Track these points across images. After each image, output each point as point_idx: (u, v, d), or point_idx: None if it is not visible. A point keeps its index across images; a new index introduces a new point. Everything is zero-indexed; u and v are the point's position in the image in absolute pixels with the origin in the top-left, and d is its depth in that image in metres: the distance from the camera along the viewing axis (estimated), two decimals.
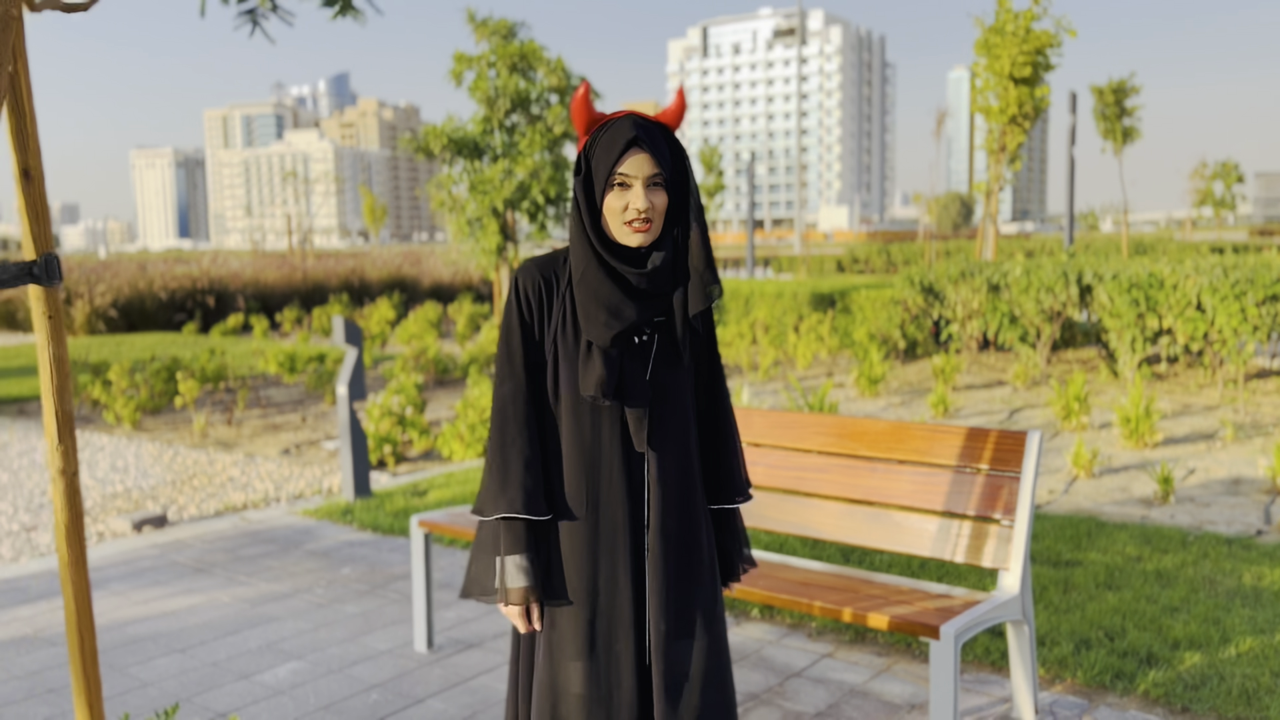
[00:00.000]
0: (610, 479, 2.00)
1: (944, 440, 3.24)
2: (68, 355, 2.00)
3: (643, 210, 1.92)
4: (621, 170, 1.92)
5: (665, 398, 2.03)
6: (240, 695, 3.52)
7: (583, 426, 2.01)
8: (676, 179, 1.99)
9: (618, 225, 1.95)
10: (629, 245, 1.95)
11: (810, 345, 12.09)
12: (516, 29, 11.21)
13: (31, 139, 1.93)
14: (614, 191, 1.94)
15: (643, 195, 1.92)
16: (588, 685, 2.01)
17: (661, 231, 1.98)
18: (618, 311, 1.94)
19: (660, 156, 1.94)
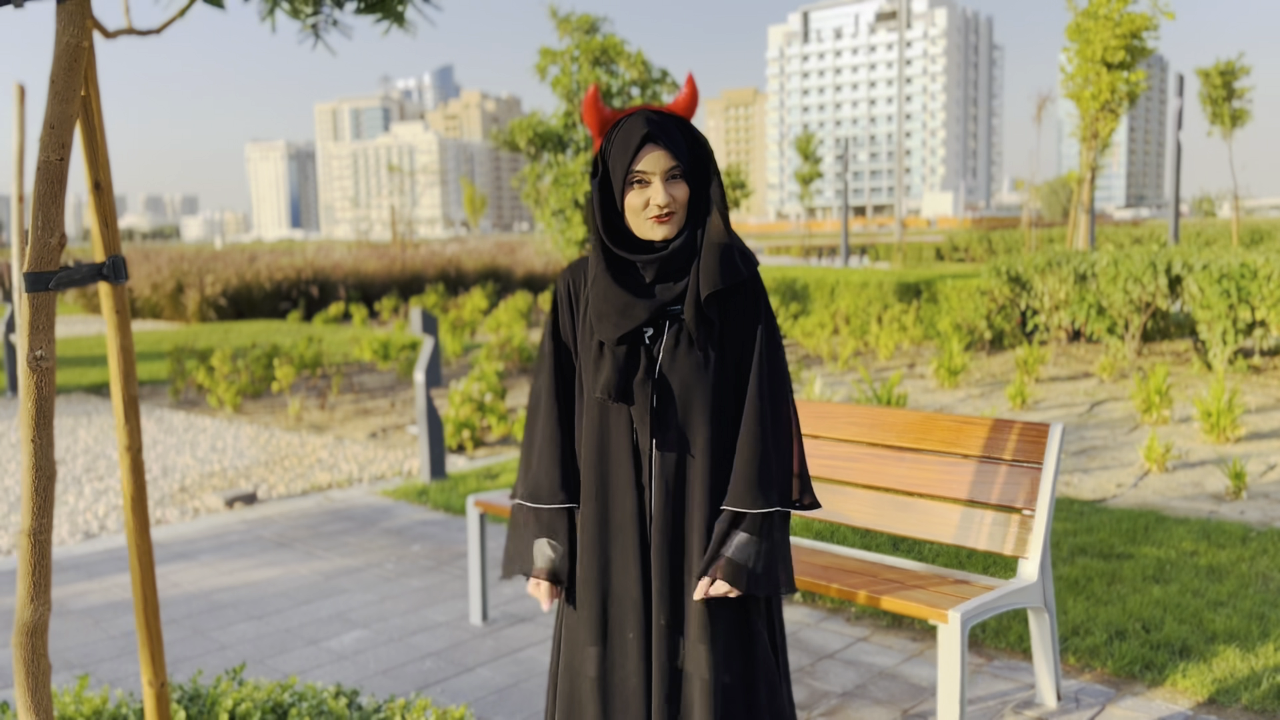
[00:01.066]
0: (619, 473, 2.05)
1: (969, 432, 3.32)
2: (132, 345, 2.25)
3: (663, 205, 1.95)
4: (639, 168, 1.95)
5: (676, 393, 2.02)
6: (307, 659, 3.80)
7: (596, 422, 2.08)
8: (697, 168, 2.01)
9: (640, 222, 1.99)
10: (654, 239, 1.99)
11: (892, 335, 12.04)
12: (599, 24, 11.42)
13: (101, 154, 2.19)
14: (634, 190, 1.97)
15: (662, 190, 1.95)
16: (600, 670, 2.08)
17: (686, 221, 2.02)
18: (626, 311, 1.98)
19: (676, 149, 1.96)
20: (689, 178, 2.00)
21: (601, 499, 2.08)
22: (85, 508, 6.09)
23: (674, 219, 1.99)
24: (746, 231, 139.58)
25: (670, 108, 2.03)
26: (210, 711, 2.99)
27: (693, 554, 2.05)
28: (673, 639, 2.05)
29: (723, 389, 2.05)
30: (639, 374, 2.02)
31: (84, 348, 15.34)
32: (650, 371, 2.02)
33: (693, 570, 2.05)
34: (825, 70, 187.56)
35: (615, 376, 2.00)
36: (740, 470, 2.01)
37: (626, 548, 2.06)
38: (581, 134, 11.28)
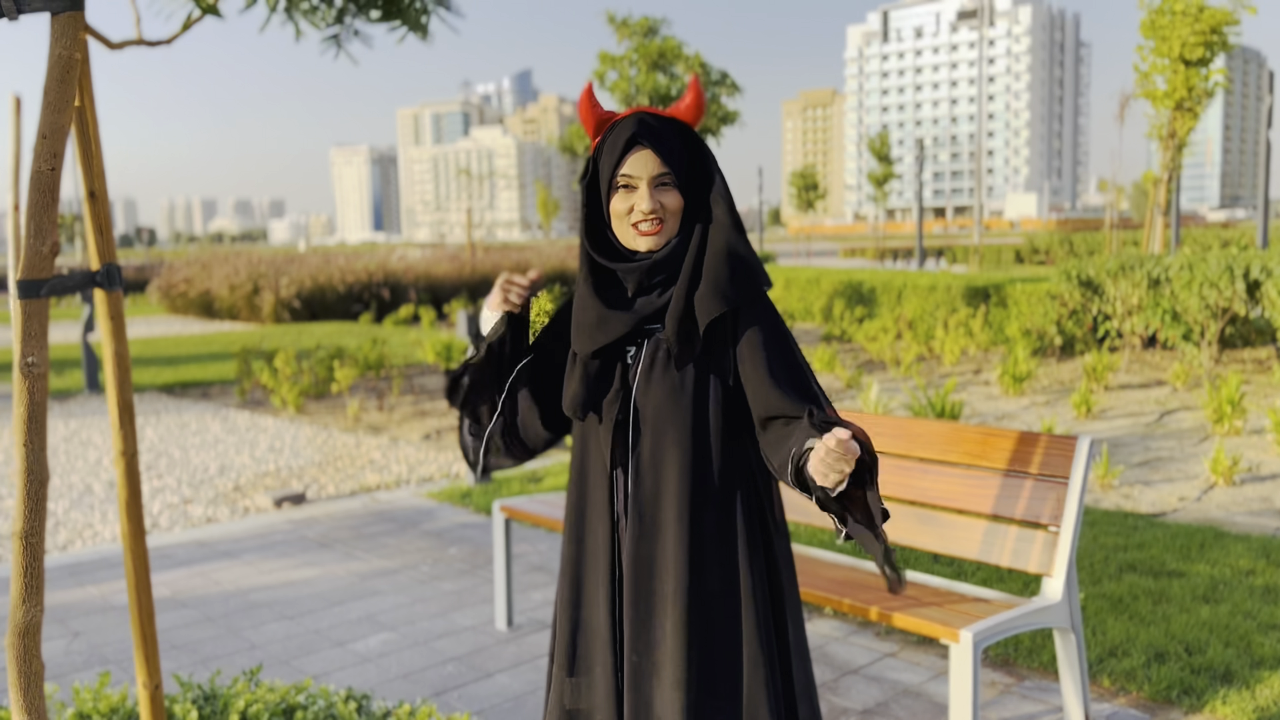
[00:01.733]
0: (594, 498, 1.96)
1: (996, 444, 3.21)
2: (128, 351, 2.29)
3: (648, 211, 1.82)
4: (624, 171, 1.83)
5: (649, 415, 1.89)
6: (331, 660, 3.84)
7: (578, 440, 2.01)
8: (696, 177, 1.88)
9: (625, 229, 1.86)
10: (638, 250, 1.86)
11: (958, 340, 11.79)
12: (658, 27, 11.39)
13: (96, 163, 2.23)
14: (619, 194, 1.85)
15: (648, 196, 1.82)
16: (572, 701, 2.00)
17: (679, 235, 1.87)
18: (602, 325, 1.88)
19: (667, 154, 1.83)
20: (685, 187, 1.87)
21: (578, 522, 2.00)
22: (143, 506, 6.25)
23: (663, 230, 1.85)
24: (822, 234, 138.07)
25: (672, 111, 1.90)
26: (223, 712, 3.03)
27: (665, 589, 1.89)
28: (645, 679, 1.90)
29: (702, 413, 1.88)
30: (610, 392, 1.91)
31: (162, 348, 15.82)
32: (622, 390, 1.91)
33: (664, 607, 1.89)
34: (905, 70, 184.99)
35: (583, 392, 1.92)
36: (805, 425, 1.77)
37: (597, 577, 1.97)
38: None
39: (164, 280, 23.39)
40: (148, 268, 32.03)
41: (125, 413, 2.30)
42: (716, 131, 11.32)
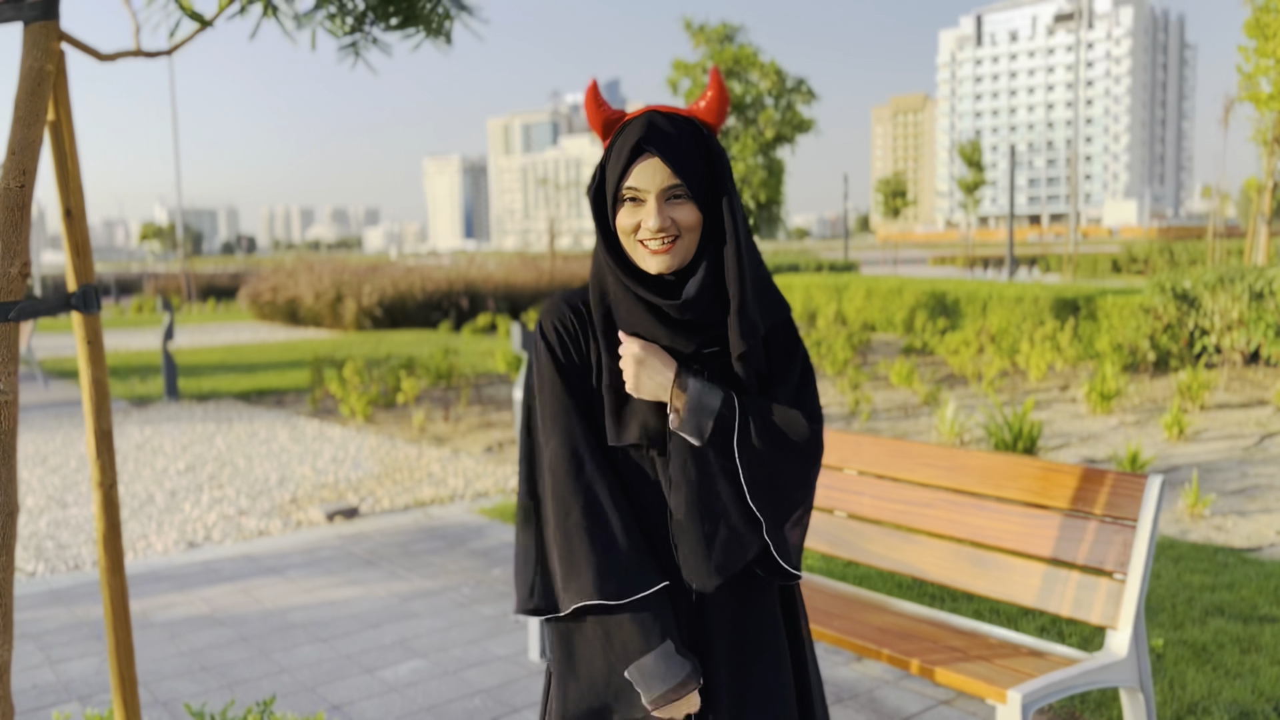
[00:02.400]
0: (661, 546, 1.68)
1: (1057, 480, 2.93)
2: (106, 376, 2.18)
3: (656, 229, 1.59)
4: (630, 183, 1.60)
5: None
6: (358, 688, 3.72)
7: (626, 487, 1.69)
8: (716, 188, 1.64)
9: (633, 246, 1.64)
10: (650, 271, 1.63)
11: (1044, 355, 11.30)
12: (734, 33, 11.17)
13: (73, 181, 2.12)
14: (625, 208, 1.63)
15: (656, 211, 1.59)
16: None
17: (698, 252, 1.64)
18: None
19: (681, 163, 1.59)
20: (704, 201, 1.62)
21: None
22: (197, 517, 6.26)
23: (676, 247, 1.61)
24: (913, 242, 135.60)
25: (691, 110, 1.67)
26: None
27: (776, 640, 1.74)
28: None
29: None
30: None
31: (244, 355, 16.13)
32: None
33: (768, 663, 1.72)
34: (999, 74, 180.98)
35: (650, 418, 1.64)
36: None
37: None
38: None
39: (252, 288, 23.95)
40: (241, 275, 32.88)
41: (103, 442, 2.19)
42: (792, 139, 11.05)
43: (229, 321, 24.42)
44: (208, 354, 16.51)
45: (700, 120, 1.66)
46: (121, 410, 10.72)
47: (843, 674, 3.74)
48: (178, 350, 17.17)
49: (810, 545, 3.47)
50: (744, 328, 1.63)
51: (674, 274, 1.64)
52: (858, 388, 9.66)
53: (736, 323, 1.63)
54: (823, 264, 27.51)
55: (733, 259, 1.63)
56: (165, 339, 11.20)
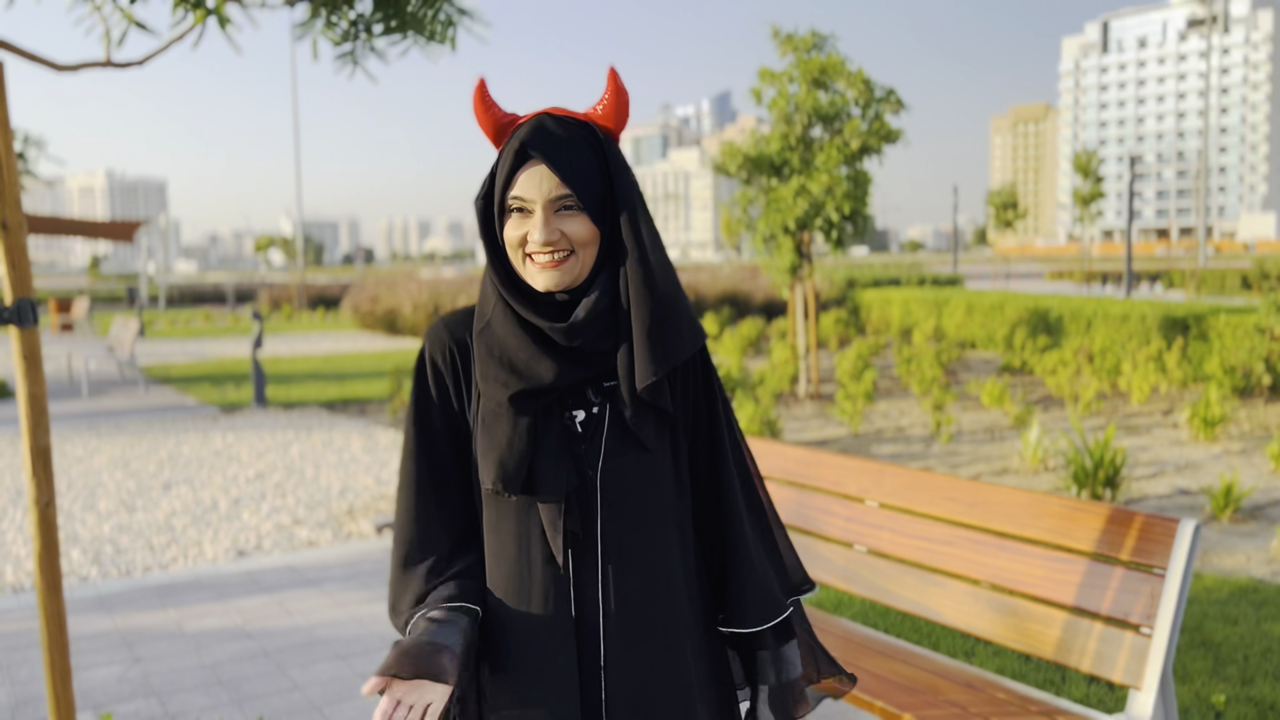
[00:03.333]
0: (543, 599, 1.48)
1: (1083, 520, 2.66)
2: (45, 393, 2.13)
3: (543, 242, 1.43)
4: (515, 192, 1.45)
5: (621, 492, 1.49)
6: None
7: (499, 528, 1.51)
8: (615, 198, 1.48)
9: (520, 262, 1.47)
10: (537, 288, 1.46)
11: (1148, 377, 10.69)
12: (823, 42, 10.92)
13: (10, 193, 2.08)
14: (512, 219, 1.46)
15: (544, 222, 1.43)
16: None
17: (594, 270, 1.48)
18: (526, 368, 1.45)
19: (570, 170, 1.43)
20: (600, 213, 1.46)
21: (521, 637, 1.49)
22: (254, 525, 6.33)
23: (567, 264, 1.44)
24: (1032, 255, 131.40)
25: (587, 114, 1.50)
26: None
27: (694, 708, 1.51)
28: None
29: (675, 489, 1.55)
30: (560, 460, 1.46)
31: (338, 364, 16.48)
32: (576, 459, 1.48)
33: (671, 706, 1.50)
34: (1126, 82, 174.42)
35: (518, 458, 1.44)
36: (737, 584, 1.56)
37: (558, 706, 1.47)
38: (797, 158, 10.81)
39: (354, 298, 24.54)
40: (352, 286, 33.78)
41: (39, 459, 2.15)
42: (879, 151, 10.73)
43: (332, 330, 25.07)
44: (304, 362, 16.93)
45: (599, 125, 1.49)
46: (210, 416, 11.03)
47: (855, 716, 3.50)
48: (277, 358, 17.67)
49: (826, 580, 3.27)
50: (654, 354, 1.44)
51: (567, 294, 1.47)
52: (941, 408, 9.27)
53: (645, 348, 1.44)
54: (925, 278, 26.79)
55: (637, 276, 1.44)
56: (254, 348, 11.48)
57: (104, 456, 8.71)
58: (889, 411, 10.39)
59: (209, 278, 67.02)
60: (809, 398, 11.30)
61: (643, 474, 1.49)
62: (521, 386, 1.44)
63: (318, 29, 3.02)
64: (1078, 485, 6.36)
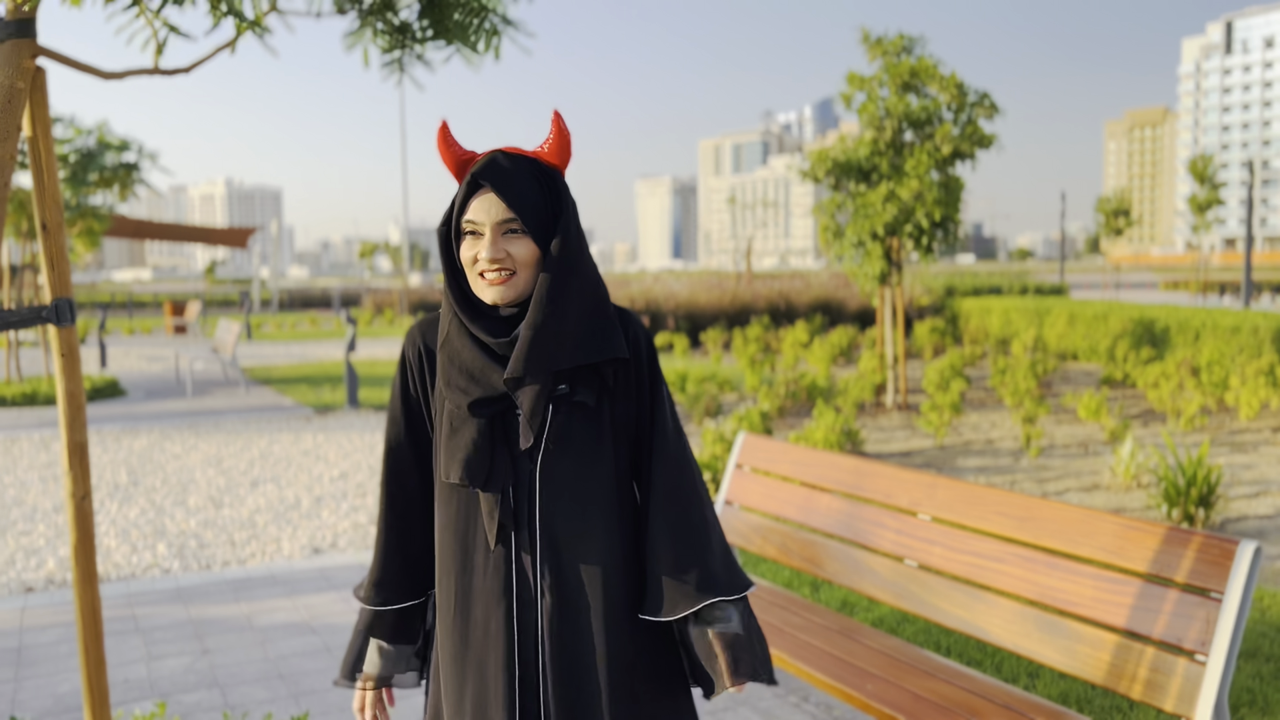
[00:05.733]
0: (484, 582, 1.70)
1: (1137, 540, 2.53)
2: (82, 390, 2.20)
3: (490, 259, 1.64)
4: (468, 217, 1.67)
5: (557, 487, 1.69)
6: (413, 708, 3.68)
7: (452, 513, 1.73)
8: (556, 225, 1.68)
9: (474, 279, 1.69)
10: (487, 301, 1.67)
11: (1257, 391, 10.17)
12: (912, 45, 10.71)
13: (50, 195, 2.16)
14: (466, 240, 1.69)
15: (491, 243, 1.64)
16: None
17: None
18: (478, 377, 1.67)
19: (515, 198, 1.64)
20: (542, 237, 1.67)
21: (462, 612, 1.72)
22: (332, 523, 6.48)
23: (511, 281, 1.66)
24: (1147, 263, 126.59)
25: (534, 151, 1.73)
26: None
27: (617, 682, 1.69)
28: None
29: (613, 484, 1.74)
30: (504, 459, 1.69)
31: None
32: (515, 457, 1.70)
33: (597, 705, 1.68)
34: (1251, 84, 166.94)
35: (470, 455, 1.67)
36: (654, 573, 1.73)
37: (489, 675, 1.69)
38: (886, 163, 10.61)
39: None
40: None
41: (76, 454, 2.22)
42: (972, 155, 10.47)
43: None
44: None
45: (544, 161, 1.71)
46: (304, 417, 11.35)
47: None
48: (374, 361, 18.11)
49: (875, 595, 3.18)
50: (528, 356, 1.63)
51: (515, 308, 1.68)
52: (1032, 421, 8.97)
53: (522, 349, 1.63)
54: (1028, 286, 26.04)
55: (541, 289, 1.64)
56: (348, 351, 11.79)
57: (199, 454, 9.04)
58: (979, 424, 10.11)
59: (319, 283, 69.15)
60: (897, 408, 11.07)
61: (577, 470, 1.70)
62: (479, 394, 1.67)
63: (367, 38, 3.08)
64: (1169, 503, 6.07)
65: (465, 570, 1.71)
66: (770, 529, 3.67)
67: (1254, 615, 4.48)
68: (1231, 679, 2.68)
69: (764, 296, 21.28)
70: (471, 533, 1.71)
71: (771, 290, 21.67)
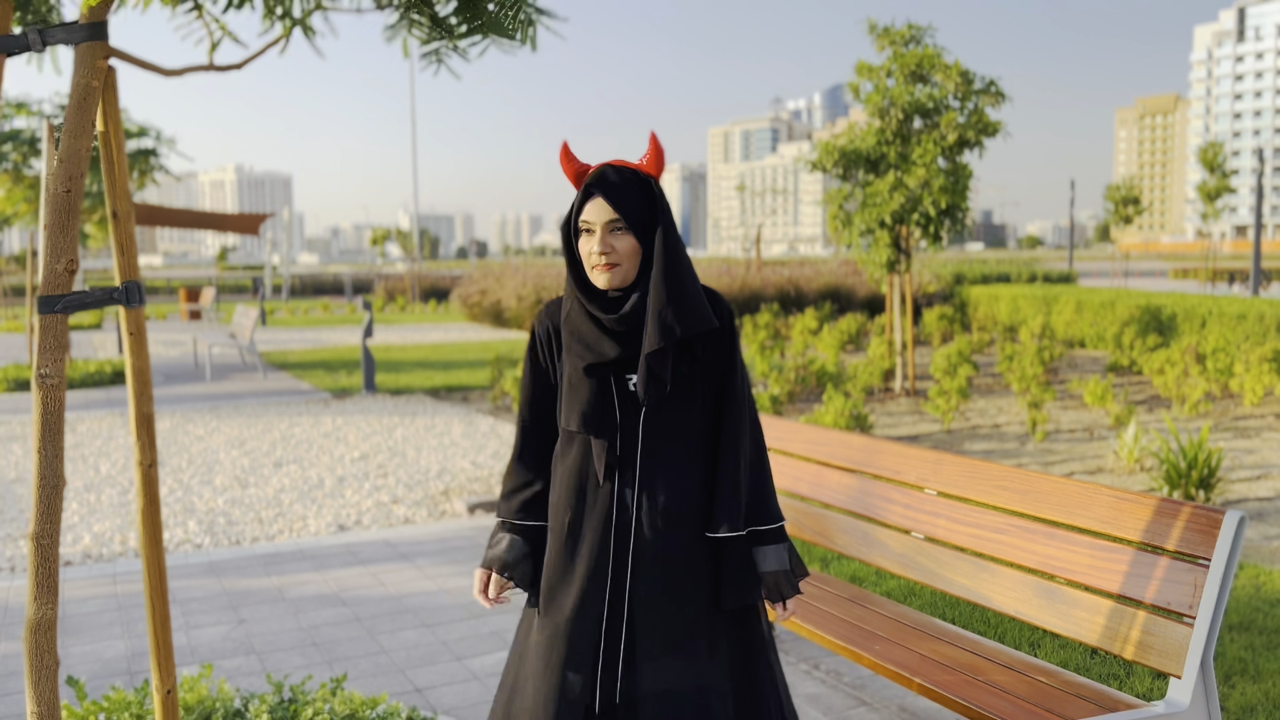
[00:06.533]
0: (592, 506, 2.11)
1: (1131, 511, 2.69)
2: (149, 366, 2.38)
3: (599, 253, 2.04)
4: (583, 218, 2.08)
5: (657, 436, 2.10)
6: (442, 674, 3.87)
7: (572, 455, 2.15)
8: (652, 225, 2.08)
9: (588, 268, 2.08)
10: (598, 286, 2.08)
11: (1261, 378, 10.30)
12: (920, 34, 10.82)
13: (120, 186, 2.33)
14: (581, 237, 2.09)
15: (600, 239, 2.04)
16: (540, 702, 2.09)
17: (639, 275, 2.09)
18: (594, 346, 2.07)
19: (620, 202, 2.05)
20: (642, 234, 2.07)
21: (573, 531, 2.12)
22: (355, 502, 6.67)
23: (617, 270, 2.05)
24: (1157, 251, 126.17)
25: (635, 165, 2.13)
26: (293, 717, 3.11)
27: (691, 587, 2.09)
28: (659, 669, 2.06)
29: (700, 435, 2.13)
30: (613, 411, 2.10)
31: (446, 353, 16.99)
32: (628, 410, 2.09)
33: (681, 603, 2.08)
34: (1264, 72, 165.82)
35: (587, 410, 2.09)
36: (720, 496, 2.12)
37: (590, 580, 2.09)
38: (893, 152, 10.74)
39: (462, 290, 25.17)
40: (462, 278, 34.60)
41: (144, 426, 2.39)
42: (978, 144, 10.59)
43: (442, 322, 25.78)
44: (413, 351, 17.50)
45: (643, 171, 2.11)
46: (322, 401, 11.55)
47: (923, 704, 3.57)
48: (387, 346, 18.31)
49: (884, 565, 3.35)
50: (660, 330, 2.01)
51: (620, 292, 2.08)
52: (1038, 406, 9.12)
53: (654, 326, 2.02)
54: (1037, 274, 26.10)
55: (656, 277, 2.04)
56: (365, 336, 11.97)
57: (222, 436, 9.24)
58: (986, 409, 10.26)
59: (330, 269, 69.38)
60: (905, 393, 11.23)
61: (673, 421, 2.10)
62: (592, 360, 2.07)
63: (404, 30, 3.23)
64: (1170, 485, 6.23)
65: (579, 499, 2.11)
66: (783, 504, 3.84)
67: (1249, 591, 4.64)
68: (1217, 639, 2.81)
69: (773, 283, 21.40)
70: (587, 470, 2.11)
71: (781, 277, 21.79)
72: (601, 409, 2.09)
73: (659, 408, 2.09)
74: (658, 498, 2.07)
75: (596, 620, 2.07)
